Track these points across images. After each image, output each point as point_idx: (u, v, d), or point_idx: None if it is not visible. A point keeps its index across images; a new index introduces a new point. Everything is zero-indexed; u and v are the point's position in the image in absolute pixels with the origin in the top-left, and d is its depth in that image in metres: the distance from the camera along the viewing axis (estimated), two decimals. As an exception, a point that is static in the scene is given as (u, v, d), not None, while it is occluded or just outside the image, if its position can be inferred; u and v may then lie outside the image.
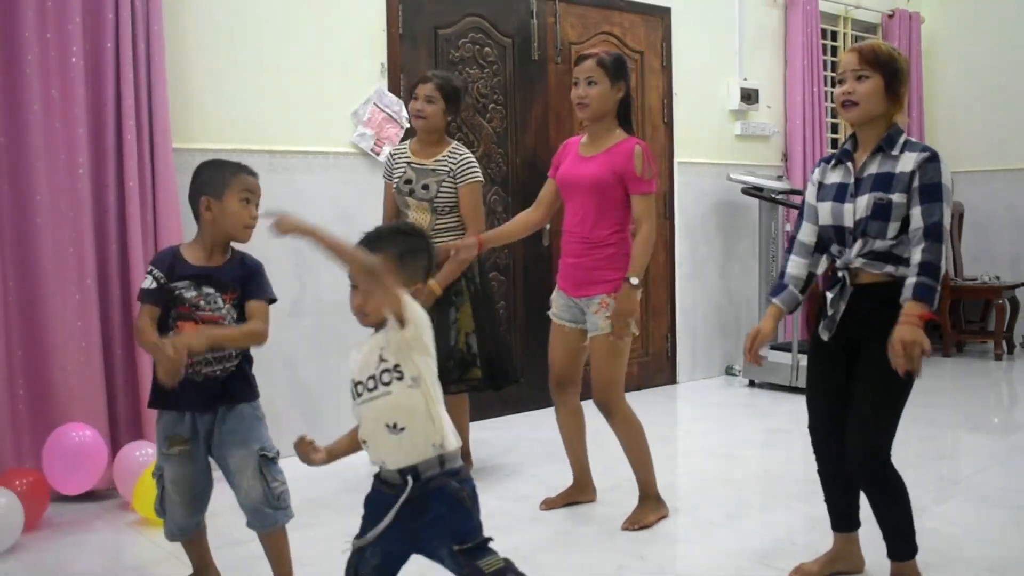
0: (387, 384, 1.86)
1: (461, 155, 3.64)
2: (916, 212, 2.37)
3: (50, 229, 3.42)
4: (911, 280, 2.33)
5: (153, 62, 3.63)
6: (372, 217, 4.16)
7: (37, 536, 3.16)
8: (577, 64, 3.14)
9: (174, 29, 3.79)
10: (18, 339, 3.43)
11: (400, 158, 3.71)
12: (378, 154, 4.36)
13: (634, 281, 3.01)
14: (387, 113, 4.38)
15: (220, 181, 2.45)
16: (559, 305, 3.28)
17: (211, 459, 2.48)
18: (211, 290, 2.42)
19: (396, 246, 1.94)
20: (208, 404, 2.42)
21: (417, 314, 1.87)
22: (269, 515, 2.42)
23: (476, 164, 3.66)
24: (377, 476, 1.94)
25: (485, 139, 4.86)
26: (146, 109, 3.62)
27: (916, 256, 2.34)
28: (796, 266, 2.64)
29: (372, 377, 1.87)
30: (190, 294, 2.41)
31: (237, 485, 2.42)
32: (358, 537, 1.92)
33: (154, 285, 2.42)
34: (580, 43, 5.21)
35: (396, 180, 3.68)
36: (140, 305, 2.44)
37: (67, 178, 3.46)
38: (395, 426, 1.86)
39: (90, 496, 3.50)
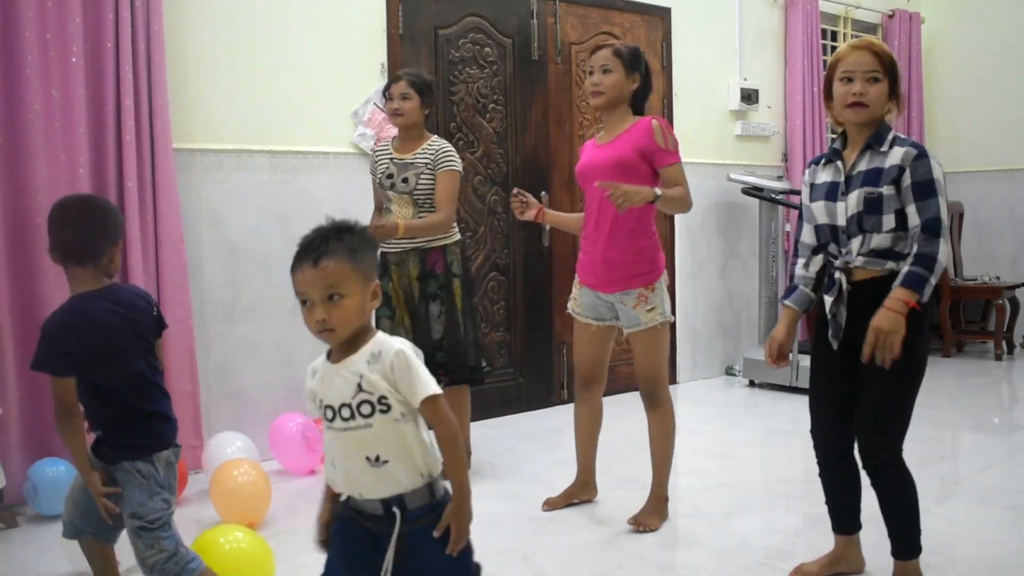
0: (367, 416, 1.66)
1: (439, 146, 3.70)
2: (912, 210, 2.37)
3: (50, 229, 3.42)
4: (904, 269, 2.35)
5: (153, 62, 3.64)
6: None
7: (21, 538, 3.17)
8: (593, 54, 3.15)
9: (174, 29, 3.79)
10: (18, 341, 3.42)
11: (383, 154, 3.78)
12: (378, 154, 4.37)
13: (659, 192, 2.98)
14: (387, 113, 4.37)
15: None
16: (583, 304, 3.24)
17: None
18: None
19: (347, 244, 1.69)
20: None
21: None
22: None
23: (455, 153, 3.71)
24: (346, 504, 1.74)
25: (485, 139, 4.86)
26: (146, 109, 3.63)
27: (914, 250, 2.36)
28: (803, 267, 2.64)
29: (347, 406, 1.67)
30: None
31: None
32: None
33: None
34: (580, 43, 5.22)
35: (379, 175, 3.76)
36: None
37: (67, 178, 3.46)
38: (377, 459, 1.67)
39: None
